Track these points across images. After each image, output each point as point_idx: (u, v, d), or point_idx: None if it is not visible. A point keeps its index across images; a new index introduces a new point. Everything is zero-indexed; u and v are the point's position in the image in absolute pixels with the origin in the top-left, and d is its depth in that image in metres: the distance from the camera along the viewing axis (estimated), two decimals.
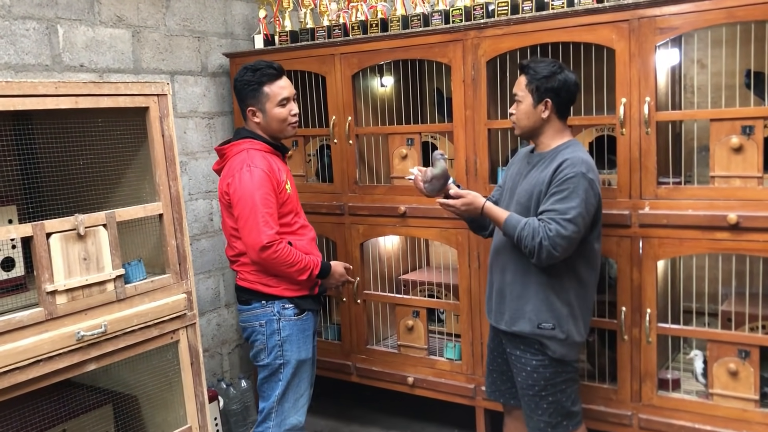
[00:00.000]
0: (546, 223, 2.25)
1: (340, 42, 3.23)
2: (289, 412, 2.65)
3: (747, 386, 2.48)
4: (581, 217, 2.25)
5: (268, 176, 2.49)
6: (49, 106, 2.06)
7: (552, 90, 2.32)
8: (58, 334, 2.08)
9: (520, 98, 2.38)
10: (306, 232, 2.70)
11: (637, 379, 2.69)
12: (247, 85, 2.58)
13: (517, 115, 2.41)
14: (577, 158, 2.29)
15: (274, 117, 2.58)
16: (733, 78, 2.73)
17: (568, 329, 2.36)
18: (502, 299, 2.45)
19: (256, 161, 2.51)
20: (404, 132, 3.18)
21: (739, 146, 2.40)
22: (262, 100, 2.57)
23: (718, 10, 2.37)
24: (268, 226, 2.46)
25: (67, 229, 2.11)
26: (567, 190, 2.25)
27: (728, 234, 2.43)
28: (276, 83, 2.58)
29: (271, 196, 2.51)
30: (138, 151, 2.41)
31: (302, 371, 2.66)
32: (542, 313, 2.35)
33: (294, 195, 2.67)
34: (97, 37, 3.13)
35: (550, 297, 2.35)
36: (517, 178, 2.48)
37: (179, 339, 2.45)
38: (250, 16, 3.88)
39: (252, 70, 2.58)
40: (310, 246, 2.69)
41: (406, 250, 3.66)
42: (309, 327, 2.67)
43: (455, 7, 2.96)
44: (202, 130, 3.65)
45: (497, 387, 2.63)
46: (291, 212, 2.62)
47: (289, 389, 2.65)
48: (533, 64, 2.36)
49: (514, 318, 2.40)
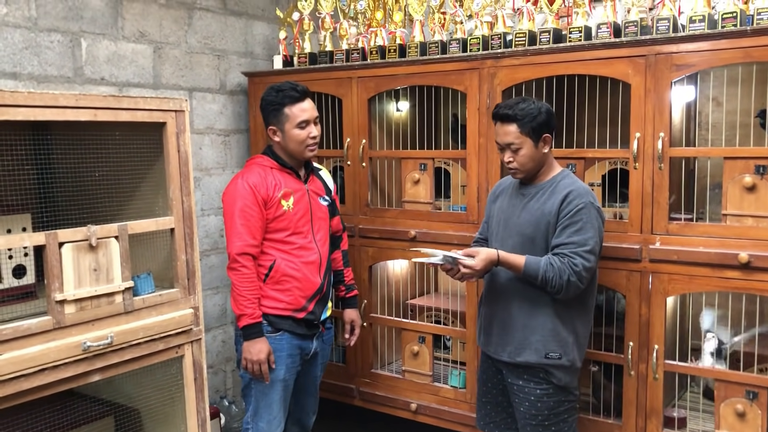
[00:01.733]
0: (569, 258, 2.27)
1: (358, 66, 3.26)
2: (264, 431, 2.64)
3: (754, 428, 2.44)
4: (597, 245, 2.32)
5: (252, 189, 2.54)
6: (69, 117, 2.09)
7: (545, 125, 2.36)
8: (64, 343, 2.08)
9: (517, 145, 2.35)
10: (304, 254, 2.63)
11: (642, 415, 2.66)
12: (269, 105, 2.62)
13: (519, 160, 2.38)
14: (582, 188, 2.36)
15: (292, 138, 2.61)
16: (748, 117, 2.73)
17: (573, 357, 2.37)
18: (505, 331, 2.44)
19: (248, 175, 2.58)
20: (418, 157, 3.20)
21: (752, 185, 2.40)
22: (282, 120, 2.60)
23: (735, 49, 2.38)
24: (240, 238, 2.52)
25: (80, 240, 2.12)
26: (581, 221, 2.29)
27: (739, 273, 2.41)
28: (297, 105, 2.60)
29: (252, 209, 2.53)
30: (153, 166, 2.43)
31: (272, 392, 2.62)
32: (549, 343, 2.35)
33: (296, 214, 2.62)
34: (119, 51, 3.18)
35: (557, 326, 2.36)
36: (510, 210, 2.48)
37: (184, 354, 2.45)
38: (271, 36, 3.94)
39: (276, 90, 2.62)
40: (305, 270, 2.62)
41: (414, 274, 3.66)
42: (283, 348, 2.61)
43: (473, 36, 2.99)
44: (218, 147, 3.69)
45: (492, 419, 2.60)
46: (285, 230, 2.60)
47: (260, 408, 2.64)
48: (515, 111, 2.34)
49: (520, 349, 2.39)
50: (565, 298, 2.31)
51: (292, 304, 2.61)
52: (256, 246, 2.56)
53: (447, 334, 3.38)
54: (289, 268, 2.60)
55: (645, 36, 2.56)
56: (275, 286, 2.60)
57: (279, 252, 2.60)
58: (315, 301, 2.67)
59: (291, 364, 2.65)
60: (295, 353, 2.66)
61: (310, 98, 2.65)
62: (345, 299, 2.98)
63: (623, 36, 2.64)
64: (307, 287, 2.64)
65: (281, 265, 2.59)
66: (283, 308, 2.60)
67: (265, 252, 2.60)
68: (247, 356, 2.55)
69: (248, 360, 2.55)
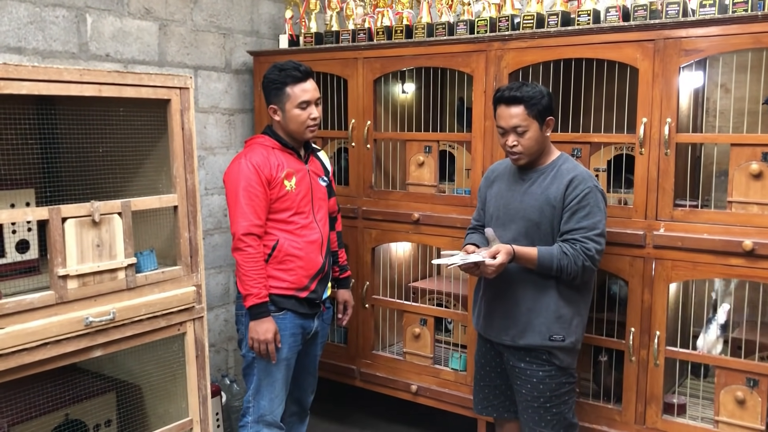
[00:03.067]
0: (581, 243, 2.30)
1: (364, 46, 3.24)
2: (265, 409, 2.65)
3: (754, 415, 2.45)
4: (605, 227, 2.37)
5: (255, 169, 2.53)
6: (73, 92, 2.08)
7: (549, 107, 2.38)
8: (67, 318, 2.09)
9: (524, 128, 2.34)
10: (306, 233, 2.64)
11: (642, 401, 2.66)
12: (271, 83, 2.61)
13: (525, 144, 2.36)
14: (585, 173, 2.39)
15: (292, 118, 2.60)
16: (757, 104, 2.71)
17: (575, 338, 2.41)
18: (508, 314, 2.44)
19: (251, 155, 2.57)
20: (422, 139, 3.18)
21: (758, 173, 2.38)
22: (284, 100, 2.60)
23: (745, 35, 2.35)
24: (245, 218, 2.52)
25: (83, 215, 2.12)
26: (588, 206, 2.32)
27: (743, 260, 2.41)
28: (299, 85, 2.59)
29: (256, 188, 2.53)
30: (157, 143, 2.43)
31: (275, 370, 2.64)
32: (553, 325, 2.37)
33: (298, 194, 2.62)
34: (125, 28, 3.17)
35: (561, 308, 2.37)
36: (510, 195, 2.47)
37: (186, 331, 2.46)
38: (277, 15, 3.91)
39: (279, 69, 2.61)
40: (308, 249, 2.64)
41: (417, 257, 3.66)
42: (286, 327, 2.62)
43: (481, 18, 2.96)
44: (222, 126, 3.68)
45: (489, 402, 2.61)
46: (288, 210, 2.60)
47: (263, 386, 2.65)
48: (522, 93, 2.33)
49: (523, 331, 2.40)
50: (581, 282, 2.36)
51: (296, 284, 2.62)
52: (260, 226, 2.56)
53: (448, 317, 3.38)
54: (292, 248, 2.60)
55: (654, 20, 2.54)
56: (278, 266, 2.60)
57: (282, 232, 2.61)
58: (317, 281, 2.68)
59: (293, 344, 2.66)
60: (297, 332, 2.67)
61: (312, 79, 2.63)
62: (339, 280, 2.99)
63: (632, 20, 2.61)
64: (310, 266, 2.64)
65: (284, 245, 2.60)
66: (286, 287, 2.61)
67: (268, 232, 2.60)
68: (254, 336, 2.55)
69: (255, 340, 2.55)
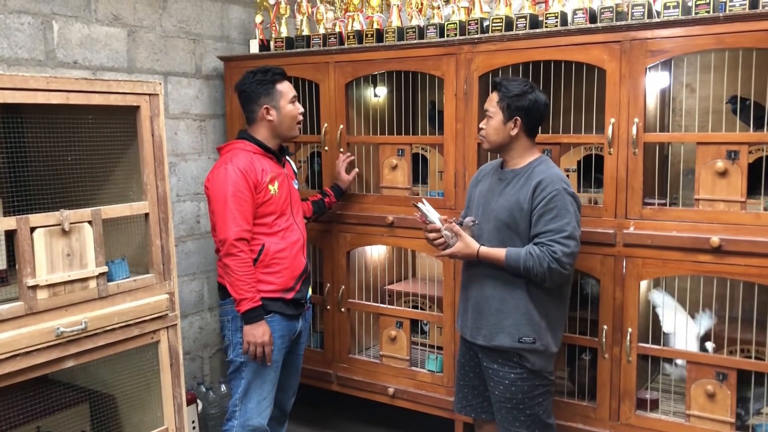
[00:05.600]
0: (547, 246, 2.29)
1: (336, 50, 3.24)
2: (252, 412, 2.66)
3: (724, 408, 2.49)
4: (575, 230, 2.33)
5: (243, 175, 2.56)
6: (40, 100, 2.06)
7: (522, 109, 2.38)
8: (37, 329, 2.06)
9: (491, 114, 2.43)
10: (289, 235, 2.70)
11: (616, 397, 2.70)
12: (260, 83, 2.67)
13: (487, 130, 2.44)
14: (554, 175, 2.36)
15: (288, 114, 2.69)
16: (721, 103, 2.76)
17: (547, 341, 2.39)
18: (480, 314, 2.46)
19: (237, 160, 2.59)
20: (395, 143, 3.19)
21: (724, 170, 2.43)
22: (276, 98, 2.67)
23: (708, 35, 2.40)
24: (236, 223, 2.53)
25: (52, 224, 2.10)
26: (555, 209, 2.31)
27: (711, 257, 2.45)
28: (285, 83, 2.71)
29: (244, 194, 2.55)
30: (127, 150, 2.41)
31: (265, 373, 2.66)
32: (522, 327, 2.37)
33: (281, 198, 2.68)
34: (93, 34, 3.13)
35: (530, 311, 2.38)
36: (489, 194, 2.50)
37: (159, 339, 2.44)
38: (247, 20, 3.90)
39: (263, 71, 2.69)
40: (292, 250, 2.70)
41: (392, 260, 3.67)
42: (275, 329, 2.66)
43: (450, 21, 2.98)
44: (194, 132, 3.65)
45: (468, 402, 2.63)
46: (272, 214, 2.65)
47: (252, 389, 2.66)
48: (506, 82, 2.41)
49: (494, 333, 2.42)
50: (552, 284, 2.34)
51: (282, 286, 2.67)
52: (249, 231, 2.59)
53: (424, 319, 3.39)
54: (277, 250, 2.65)
55: (620, 22, 2.58)
56: (265, 269, 2.64)
57: (266, 236, 2.64)
58: (302, 281, 2.75)
59: (281, 345, 2.71)
60: (285, 334, 2.71)
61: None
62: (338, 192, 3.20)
63: (599, 22, 2.65)
64: (295, 267, 2.71)
65: (270, 248, 2.64)
66: (273, 290, 2.65)
67: (254, 237, 2.62)
68: (250, 339, 2.57)
69: (252, 343, 2.58)
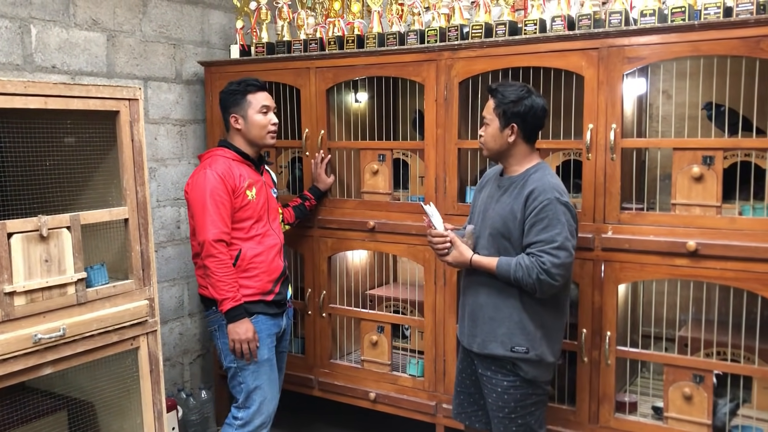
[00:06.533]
0: (537, 256, 2.26)
1: (316, 56, 3.25)
2: (254, 415, 2.72)
3: (701, 410, 2.52)
4: (568, 240, 2.28)
5: (221, 179, 2.63)
6: (18, 105, 2.04)
7: (518, 115, 2.35)
8: (14, 336, 2.04)
9: (488, 121, 2.41)
10: (266, 240, 2.76)
11: (595, 400, 2.72)
12: (232, 93, 2.78)
13: (485, 137, 2.43)
14: (547, 184, 2.32)
15: (255, 123, 2.75)
16: (697, 109, 2.81)
17: (541, 351, 2.36)
18: (474, 322, 2.45)
19: (215, 165, 2.67)
20: (376, 148, 3.20)
21: (699, 175, 2.47)
22: (245, 107, 2.75)
23: (684, 43, 2.44)
24: (215, 225, 2.59)
25: (30, 230, 2.08)
26: (546, 218, 2.27)
27: (687, 260, 2.49)
28: (258, 94, 2.78)
29: (222, 197, 2.62)
30: (106, 155, 2.39)
31: (261, 372, 2.71)
32: (515, 336, 2.35)
33: (258, 204, 2.74)
34: (71, 39, 3.11)
35: (524, 320, 2.35)
36: (488, 201, 2.48)
37: (139, 346, 2.42)
38: (228, 26, 3.89)
39: (237, 82, 2.81)
40: (269, 254, 2.76)
41: (373, 265, 3.67)
42: (262, 329, 2.72)
43: (430, 28, 3.00)
44: (174, 137, 3.64)
45: (463, 409, 2.62)
46: (250, 219, 2.71)
47: (252, 390, 2.72)
48: (502, 88, 2.39)
49: (486, 341, 2.40)
50: (543, 296, 2.31)
51: (261, 289, 2.72)
52: (228, 233, 2.64)
53: (405, 324, 3.40)
54: (254, 255, 2.71)
55: (598, 29, 2.61)
56: (243, 273, 2.69)
57: (243, 241, 2.70)
58: (280, 283, 2.80)
59: (271, 344, 2.77)
60: (272, 332, 2.78)
61: (267, 92, 2.84)
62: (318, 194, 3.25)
63: (577, 29, 2.69)
64: (272, 270, 2.76)
65: (247, 253, 2.69)
66: (252, 294, 2.70)
67: (231, 241, 2.67)
68: (234, 337, 2.62)
69: (236, 341, 2.62)
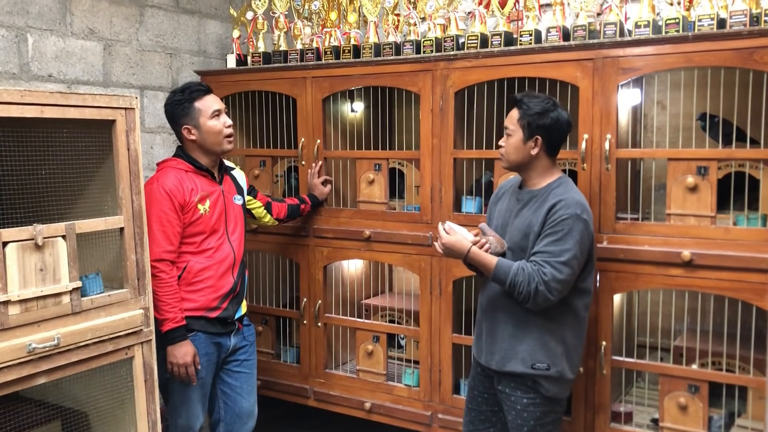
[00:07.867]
0: (540, 266, 2.21)
1: (313, 66, 3.26)
2: (183, 428, 2.67)
3: (696, 420, 2.52)
4: (575, 259, 2.23)
5: (168, 195, 2.55)
6: (14, 114, 2.04)
7: (543, 127, 2.30)
8: (8, 345, 2.03)
9: (510, 132, 2.35)
10: (217, 255, 2.67)
11: (591, 410, 2.72)
12: (178, 104, 2.64)
13: (506, 148, 2.37)
14: (571, 199, 2.28)
15: (209, 130, 2.63)
16: (691, 120, 2.82)
17: (561, 367, 2.32)
18: (493, 339, 2.40)
19: (163, 179, 2.58)
20: (372, 157, 3.21)
21: (694, 186, 2.48)
22: (195, 116, 2.63)
23: (678, 54, 2.46)
24: (157, 245, 2.52)
25: (25, 239, 2.07)
26: (561, 232, 2.23)
27: (682, 270, 2.49)
28: (205, 98, 2.66)
29: (168, 215, 2.54)
30: (102, 164, 2.39)
31: (189, 390, 2.65)
32: (536, 354, 2.31)
33: (212, 217, 2.65)
34: (68, 48, 3.12)
35: (545, 337, 2.31)
36: (508, 215, 2.43)
37: (134, 355, 2.41)
38: (224, 35, 3.90)
39: (180, 90, 2.67)
40: (218, 269, 2.66)
41: (369, 274, 3.67)
42: (198, 348, 2.63)
43: (426, 38, 3.02)
44: (170, 146, 3.64)
45: (474, 426, 2.58)
46: (201, 233, 2.64)
47: (179, 405, 2.67)
48: (527, 99, 2.33)
49: (506, 358, 2.35)
50: (534, 308, 2.25)
51: (205, 305, 2.64)
52: (173, 252, 2.57)
53: (401, 333, 3.40)
54: (201, 269, 2.63)
55: (593, 40, 2.63)
56: (188, 287, 2.62)
57: (192, 255, 2.63)
58: (228, 300, 2.70)
59: (207, 363, 2.68)
60: (211, 351, 2.69)
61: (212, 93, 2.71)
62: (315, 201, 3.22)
63: (572, 40, 2.70)
64: (219, 286, 2.67)
65: (194, 267, 2.62)
66: (195, 308, 2.62)
67: (180, 255, 2.61)
68: (172, 360, 2.56)
69: (174, 364, 2.56)
